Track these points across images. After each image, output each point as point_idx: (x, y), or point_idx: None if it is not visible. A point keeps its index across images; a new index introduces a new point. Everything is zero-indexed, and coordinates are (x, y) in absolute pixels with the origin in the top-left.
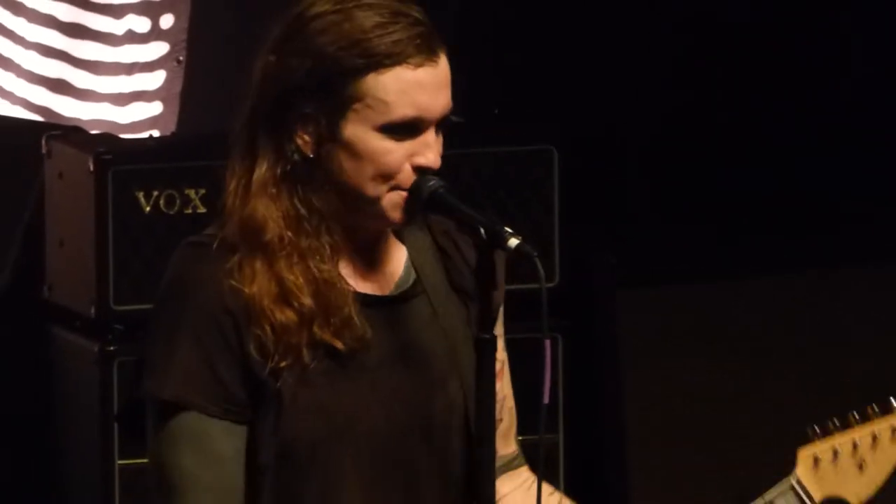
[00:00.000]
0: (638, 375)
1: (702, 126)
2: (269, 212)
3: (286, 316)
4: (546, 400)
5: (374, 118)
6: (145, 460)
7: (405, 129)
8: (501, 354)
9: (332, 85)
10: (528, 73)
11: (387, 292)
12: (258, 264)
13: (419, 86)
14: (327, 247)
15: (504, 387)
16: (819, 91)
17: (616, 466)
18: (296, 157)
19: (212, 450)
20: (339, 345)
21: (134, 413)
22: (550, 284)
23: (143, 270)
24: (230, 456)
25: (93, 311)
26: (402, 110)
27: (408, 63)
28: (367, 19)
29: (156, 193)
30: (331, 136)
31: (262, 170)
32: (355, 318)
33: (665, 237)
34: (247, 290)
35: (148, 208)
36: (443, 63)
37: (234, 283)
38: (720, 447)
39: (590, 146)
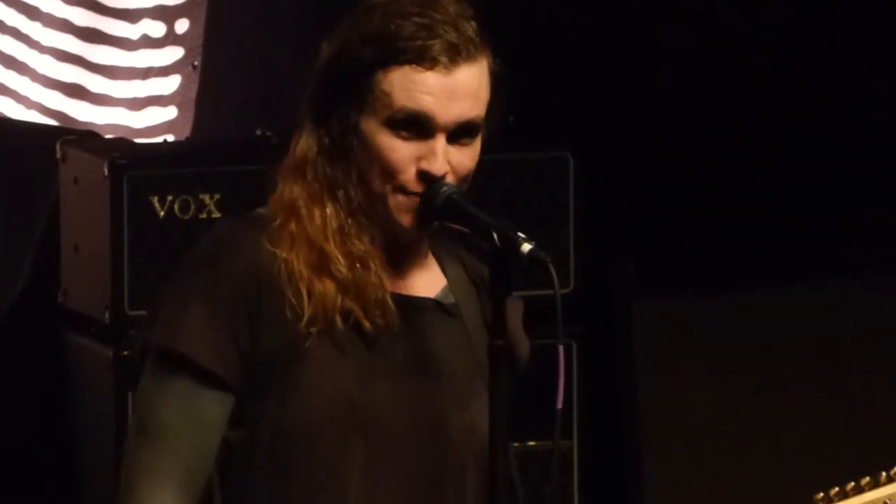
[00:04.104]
0: (653, 382)
1: (723, 133)
2: (306, 190)
3: (324, 284)
4: (560, 405)
5: (380, 112)
6: None
7: (409, 128)
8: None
9: (352, 75)
10: (543, 79)
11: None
12: (295, 230)
13: (424, 87)
14: (363, 229)
15: None
16: (843, 103)
17: (630, 472)
18: (326, 141)
19: (199, 411)
20: (366, 323)
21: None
22: (565, 290)
23: (157, 275)
24: (213, 423)
25: (107, 316)
26: (402, 103)
27: (419, 65)
28: (405, 19)
29: (170, 198)
30: (353, 128)
31: (303, 148)
32: (389, 302)
33: (683, 244)
34: (285, 254)
35: (163, 213)
36: (462, 75)
37: (269, 247)
38: (735, 454)
39: (606, 152)
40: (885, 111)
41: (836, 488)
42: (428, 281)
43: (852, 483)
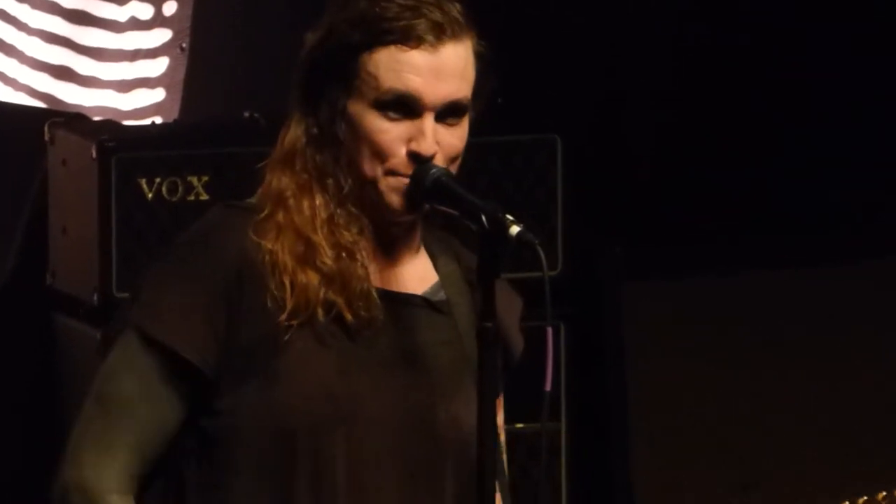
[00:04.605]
0: (641, 364)
1: (711, 115)
2: (295, 180)
3: (308, 276)
4: (548, 387)
5: (368, 94)
6: None
7: (397, 108)
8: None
9: (338, 59)
10: (531, 61)
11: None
12: (282, 220)
13: (411, 66)
14: (353, 219)
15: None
16: (832, 85)
17: (618, 454)
18: (315, 130)
19: (164, 394)
20: (348, 316)
21: None
22: (553, 273)
23: (146, 257)
24: (176, 407)
25: (95, 298)
26: (389, 84)
27: (404, 44)
28: (389, 1)
29: (158, 180)
30: (342, 112)
31: (291, 138)
32: (373, 294)
33: (671, 227)
34: (269, 245)
35: (151, 195)
36: (448, 53)
37: (255, 238)
38: (724, 437)
39: (594, 134)
40: (869, 99)
41: (846, 502)
42: (418, 275)
43: (865, 497)
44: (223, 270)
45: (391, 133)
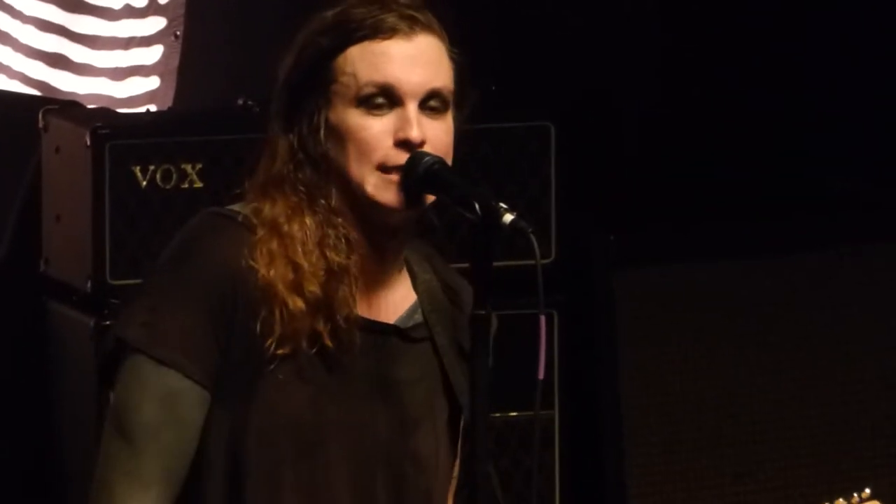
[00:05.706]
0: (634, 351)
1: (705, 102)
2: (286, 204)
3: (296, 304)
4: (541, 376)
5: (347, 94)
6: None
7: (378, 102)
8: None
9: (313, 71)
10: (525, 48)
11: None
12: (275, 247)
13: (386, 56)
14: (343, 239)
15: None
16: (823, 70)
17: (611, 442)
18: (300, 155)
19: (181, 413)
20: (329, 343)
21: (115, 364)
22: (546, 260)
23: (139, 245)
24: (194, 423)
25: (89, 285)
26: (367, 77)
27: (377, 37)
28: (357, 7)
29: (152, 168)
30: (324, 124)
31: (278, 165)
32: (357, 320)
33: (664, 215)
34: (263, 271)
35: (144, 183)
36: (422, 42)
37: (251, 262)
38: (716, 424)
39: (588, 122)
40: (859, 81)
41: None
42: (398, 298)
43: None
44: (220, 285)
45: (375, 127)
